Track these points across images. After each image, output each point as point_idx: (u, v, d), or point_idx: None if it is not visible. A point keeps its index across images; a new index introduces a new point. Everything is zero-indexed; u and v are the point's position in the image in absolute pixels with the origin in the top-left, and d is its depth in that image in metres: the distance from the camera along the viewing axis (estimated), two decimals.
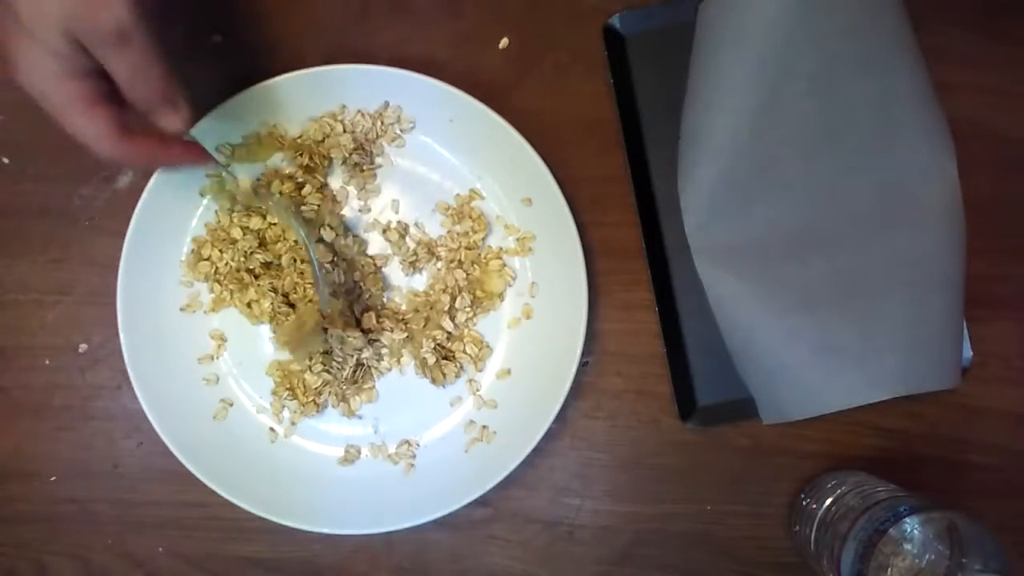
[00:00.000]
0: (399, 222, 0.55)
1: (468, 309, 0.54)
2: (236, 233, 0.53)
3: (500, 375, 0.55)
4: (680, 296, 0.55)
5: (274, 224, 0.53)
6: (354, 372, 0.53)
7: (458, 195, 0.55)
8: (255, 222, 0.53)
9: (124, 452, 0.55)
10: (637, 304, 0.55)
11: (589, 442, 0.55)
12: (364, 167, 0.55)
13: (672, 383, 0.54)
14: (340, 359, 0.53)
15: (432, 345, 0.53)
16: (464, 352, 0.54)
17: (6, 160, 0.55)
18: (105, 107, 0.42)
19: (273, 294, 0.53)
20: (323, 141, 0.54)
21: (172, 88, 0.43)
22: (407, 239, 0.55)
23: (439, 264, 0.55)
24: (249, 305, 0.53)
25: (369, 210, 0.55)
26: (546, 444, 0.53)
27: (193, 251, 0.54)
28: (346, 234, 0.54)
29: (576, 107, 0.56)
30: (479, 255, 0.55)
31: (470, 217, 0.54)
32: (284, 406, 0.54)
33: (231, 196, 0.53)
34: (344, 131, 0.54)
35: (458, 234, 0.54)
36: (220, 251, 0.53)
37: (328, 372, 0.53)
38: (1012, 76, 0.56)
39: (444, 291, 0.54)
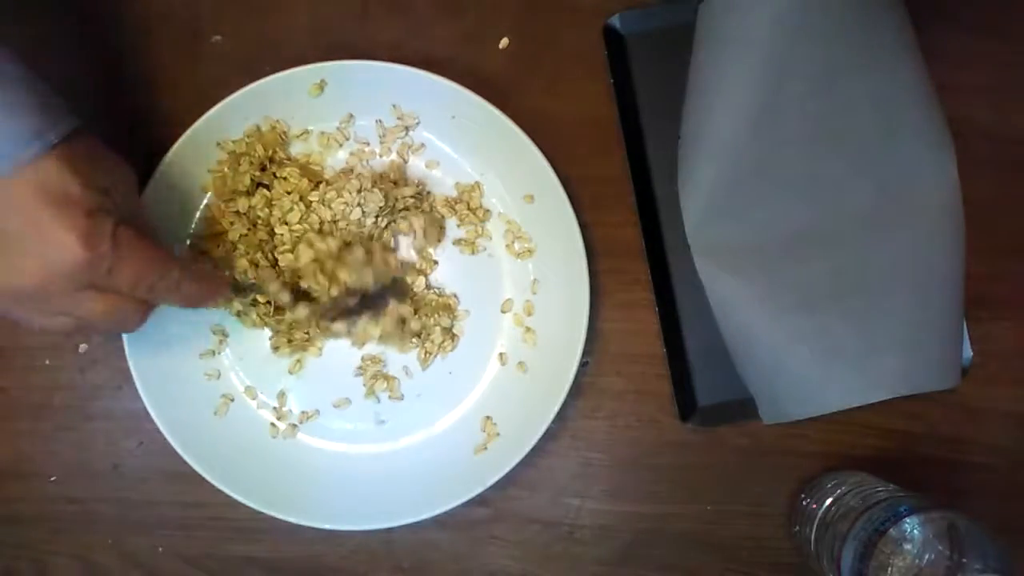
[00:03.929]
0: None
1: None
2: (226, 223, 0.53)
3: (500, 374, 0.55)
4: (680, 296, 0.55)
5: (258, 204, 0.53)
6: (361, 300, 0.52)
7: (458, 183, 0.55)
8: (242, 203, 0.53)
9: (124, 452, 0.55)
10: (637, 304, 0.55)
11: (589, 442, 0.55)
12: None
13: (672, 383, 0.54)
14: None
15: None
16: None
17: None
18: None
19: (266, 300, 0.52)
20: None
21: (178, 278, 0.43)
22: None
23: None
24: (238, 315, 0.53)
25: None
26: (546, 444, 0.53)
27: (190, 246, 0.53)
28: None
29: (576, 107, 0.56)
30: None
31: (469, 207, 0.54)
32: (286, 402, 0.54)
33: (230, 193, 0.53)
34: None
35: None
36: (217, 245, 0.53)
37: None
38: (1012, 76, 0.56)
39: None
